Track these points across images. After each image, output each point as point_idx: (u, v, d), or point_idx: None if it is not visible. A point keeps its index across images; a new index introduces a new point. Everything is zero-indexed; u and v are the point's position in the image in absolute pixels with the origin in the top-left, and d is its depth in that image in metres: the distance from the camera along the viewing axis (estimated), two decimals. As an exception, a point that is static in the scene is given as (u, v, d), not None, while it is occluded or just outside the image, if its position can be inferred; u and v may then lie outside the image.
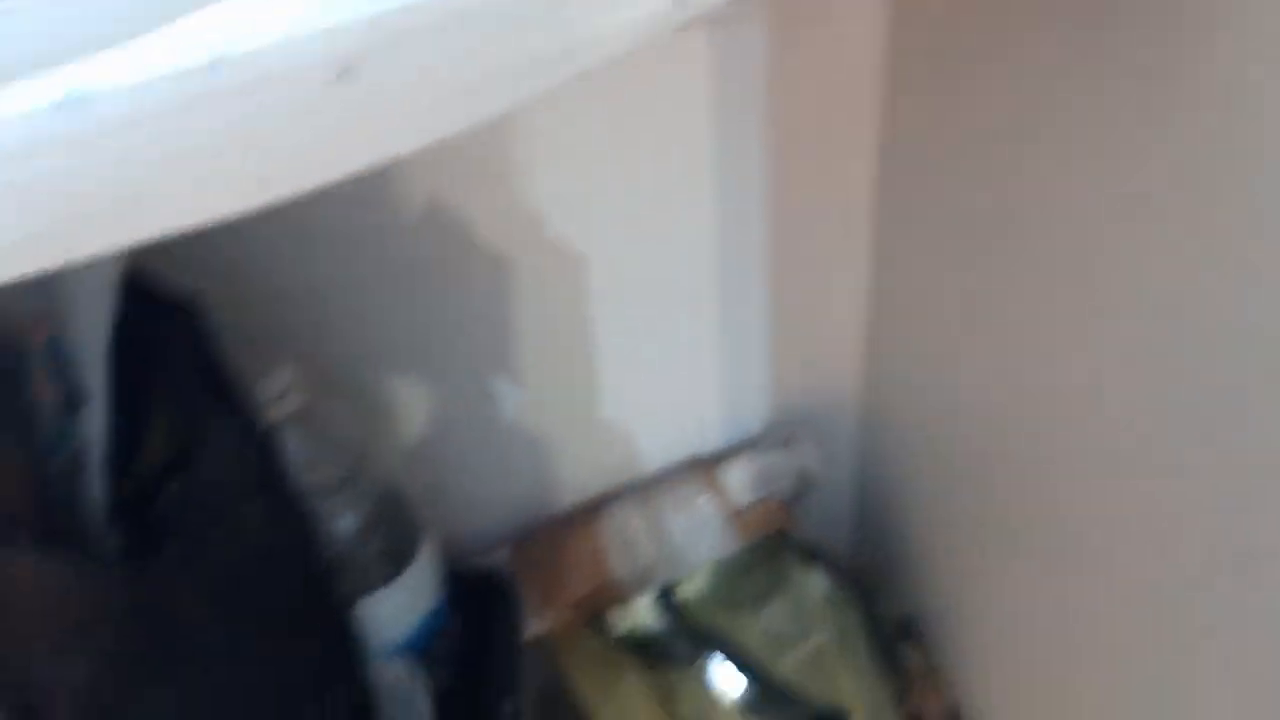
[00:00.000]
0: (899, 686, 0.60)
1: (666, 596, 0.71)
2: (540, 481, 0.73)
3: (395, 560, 0.56)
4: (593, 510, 0.72)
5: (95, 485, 0.37)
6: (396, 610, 0.56)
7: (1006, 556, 0.57)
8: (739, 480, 0.69)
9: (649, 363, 0.70)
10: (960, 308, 0.58)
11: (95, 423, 0.37)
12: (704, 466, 0.71)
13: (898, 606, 0.70)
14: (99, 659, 0.33)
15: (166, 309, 0.37)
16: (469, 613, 0.67)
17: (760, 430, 0.73)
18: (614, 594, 0.71)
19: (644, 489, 0.72)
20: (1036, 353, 0.50)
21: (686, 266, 0.67)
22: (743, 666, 0.63)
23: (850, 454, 0.75)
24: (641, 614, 0.72)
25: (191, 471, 0.36)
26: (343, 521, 0.52)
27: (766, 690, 0.61)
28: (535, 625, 0.71)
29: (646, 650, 0.66)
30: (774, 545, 0.72)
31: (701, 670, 0.64)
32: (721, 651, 0.64)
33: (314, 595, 0.44)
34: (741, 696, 0.61)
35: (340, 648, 0.47)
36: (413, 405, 0.65)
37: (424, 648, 0.59)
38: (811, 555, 0.69)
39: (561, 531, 0.72)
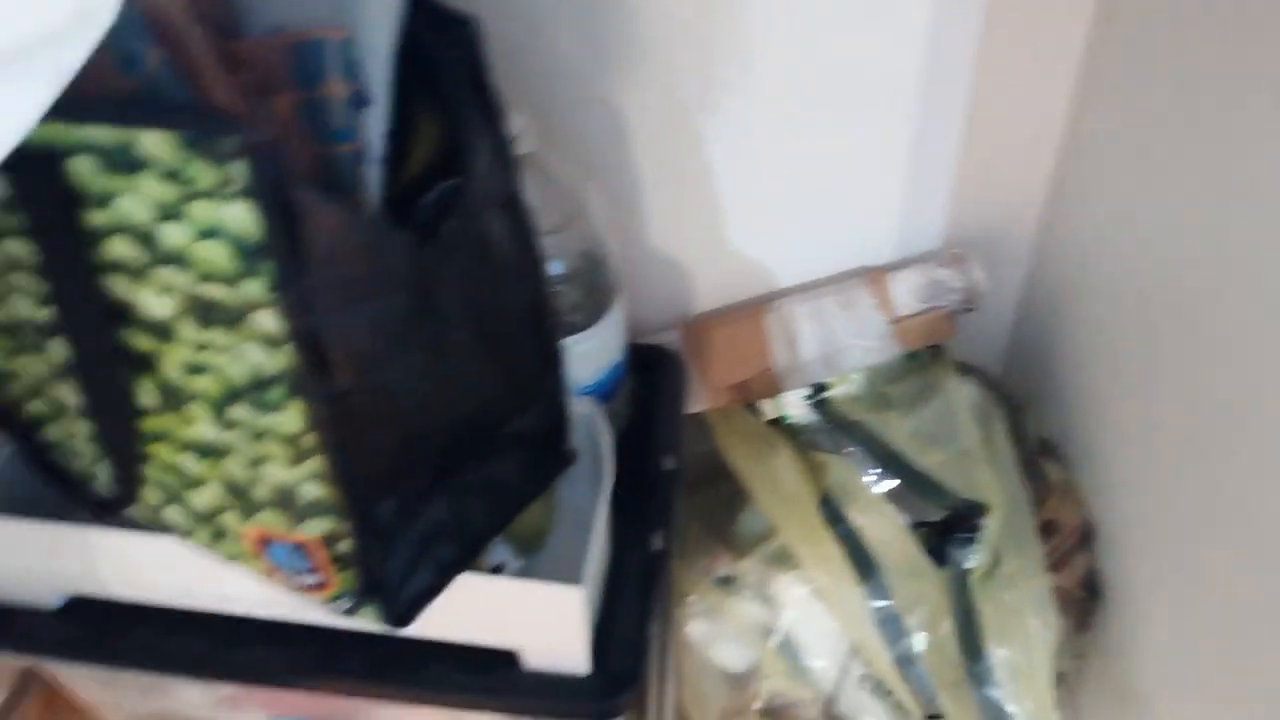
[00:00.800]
0: (1037, 495, 0.64)
1: (819, 392, 0.76)
2: (718, 274, 0.78)
3: (591, 311, 0.62)
4: (763, 303, 0.76)
5: (374, 177, 0.43)
6: (588, 355, 0.62)
7: (1153, 396, 0.58)
8: (906, 289, 0.72)
9: (837, 170, 0.72)
10: (1158, 159, 0.57)
11: (377, 121, 0.42)
12: (875, 274, 0.73)
13: (1042, 426, 0.72)
14: (378, 314, 0.40)
15: (447, 25, 0.42)
16: (641, 381, 0.74)
17: (934, 248, 0.75)
18: (772, 384, 0.76)
19: (814, 289, 0.75)
20: (1223, 219, 0.50)
21: (889, 77, 0.68)
22: (888, 457, 0.67)
23: (1017, 280, 0.76)
24: (794, 406, 0.77)
25: (464, 175, 0.42)
26: (553, 265, 0.57)
27: (910, 478, 0.65)
28: (697, 403, 0.77)
29: (796, 436, 0.71)
30: (931, 356, 0.75)
31: (848, 455, 0.68)
32: (867, 444, 0.69)
33: (536, 313, 0.50)
34: (884, 480, 0.66)
35: (550, 366, 0.53)
36: (618, 188, 0.69)
37: (605, 395, 0.65)
38: (966, 368, 0.72)
39: (731, 319, 0.77)
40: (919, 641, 0.58)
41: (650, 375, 0.74)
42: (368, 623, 0.50)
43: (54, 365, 0.45)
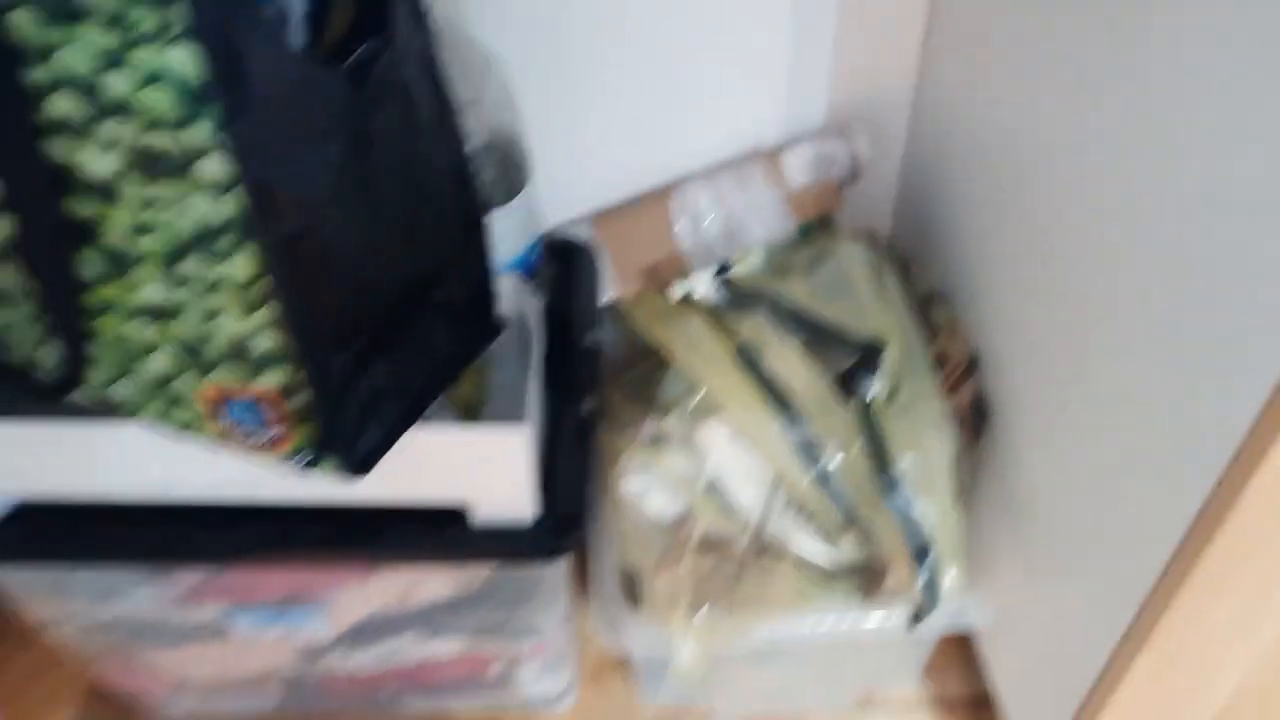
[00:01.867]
0: (927, 334, 0.70)
1: (723, 270, 0.81)
2: (621, 168, 0.82)
3: (506, 189, 0.65)
4: (664, 190, 0.81)
5: (299, 37, 0.45)
6: (506, 232, 0.66)
7: (1020, 240, 0.64)
8: (797, 165, 0.77)
9: (721, 58, 0.77)
10: (1016, 28, 0.63)
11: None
12: (766, 154, 0.79)
13: (927, 280, 0.79)
14: (321, 157, 0.42)
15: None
16: (556, 271, 0.78)
17: (819, 126, 0.81)
18: (679, 266, 0.81)
19: (711, 173, 0.80)
20: (1077, 84, 0.57)
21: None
22: (792, 315, 0.73)
23: (897, 149, 0.83)
24: (701, 285, 0.82)
25: (387, 29, 0.44)
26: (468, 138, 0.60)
27: (813, 330, 0.71)
28: (611, 291, 0.82)
29: (706, 310, 0.76)
30: (822, 227, 0.81)
31: (757, 316, 0.73)
32: (772, 307, 0.74)
33: (458, 178, 0.53)
34: (791, 331, 0.71)
35: (473, 233, 0.56)
36: (521, 79, 0.72)
37: (525, 275, 0.69)
38: (856, 234, 0.78)
39: (636, 208, 0.81)
40: (834, 463, 0.64)
41: (565, 264, 0.78)
42: (326, 477, 0.53)
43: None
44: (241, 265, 0.44)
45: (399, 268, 0.52)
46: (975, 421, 0.70)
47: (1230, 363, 0.46)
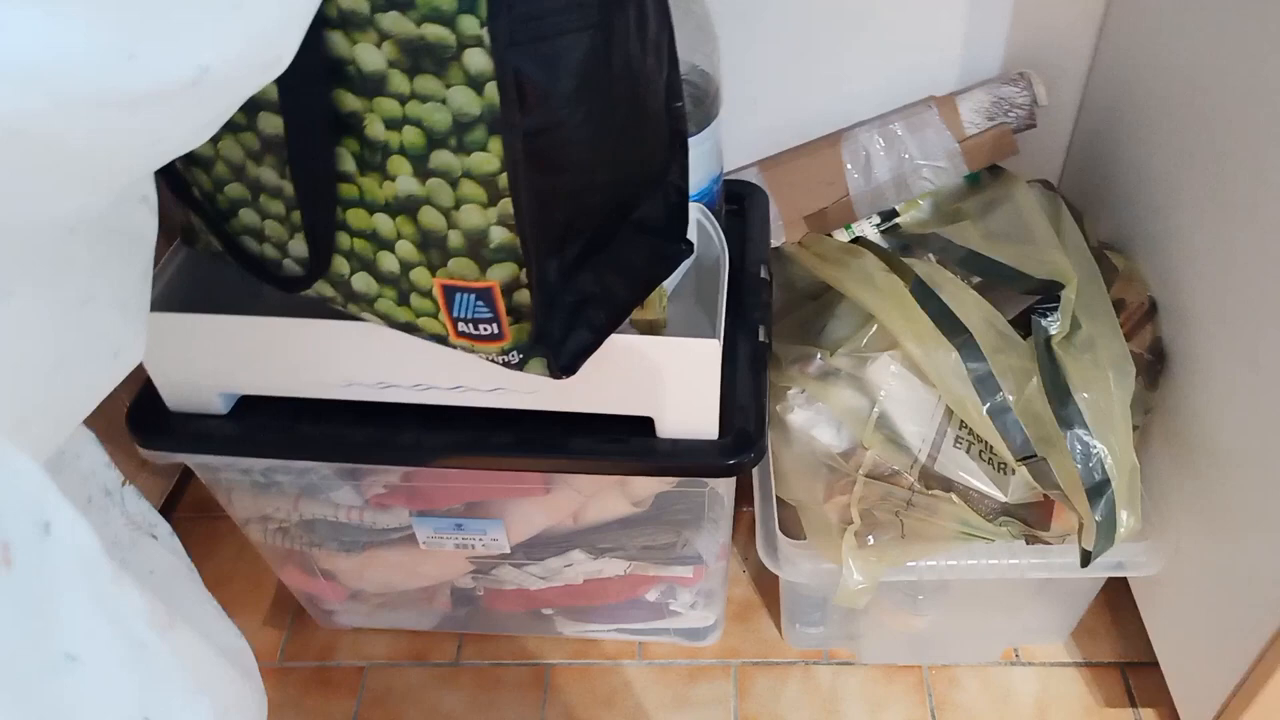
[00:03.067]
0: (1107, 278, 0.70)
1: (890, 217, 0.82)
2: (795, 113, 0.84)
3: (696, 120, 0.68)
4: (835, 135, 0.82)
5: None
6: (696, 162, 0.68)
7: (1199, 192, 0.64)
8: (972, 108, 0.78)
9: (898, 9, 0.78)
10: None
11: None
12: (941, 99, 0.79)
13: (1101, 230, 0.79)
14: (570, 51, 0.45)
15: None
16: (729, 210, 0.80)
17: (995, 71, 0.81)
18: (848, 211, 0.82)
19: (884, 118, 0.81)
20: (1262, 31, 0.56)
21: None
22: (967, 256, 0.73)
23: (1073, 98, 0.82)
24: (866, 231, 0.83)
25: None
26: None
27: (990, 270, 0.71)
28: (778, 237, 0.84)
29: (879, 251, 0.78)
30: (993, 175, 0.82)
31: (930, 256, 0.75)
32: (945, 249, 0.75)
33: (670, 95, 0.56)
34: (964, 268, 0.72)
35: (676, 153, 0.59)
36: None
37: (710, 207, 0.72)
38: (1031, 181, 0.78)
39: (807, 151, 0.83)
40: (1011, 396, 0.64)
41: (737, 204, 0.81)
42: (534, 375, 0.57)
43: (261, 139, 0.51)
44: (489, 158, 0.47)
45: (614, 178, 0.55)
46: (1153, 365, 0.69)
47: None
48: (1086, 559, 0.65)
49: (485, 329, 0.55)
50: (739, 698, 0.85)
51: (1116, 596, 0.84)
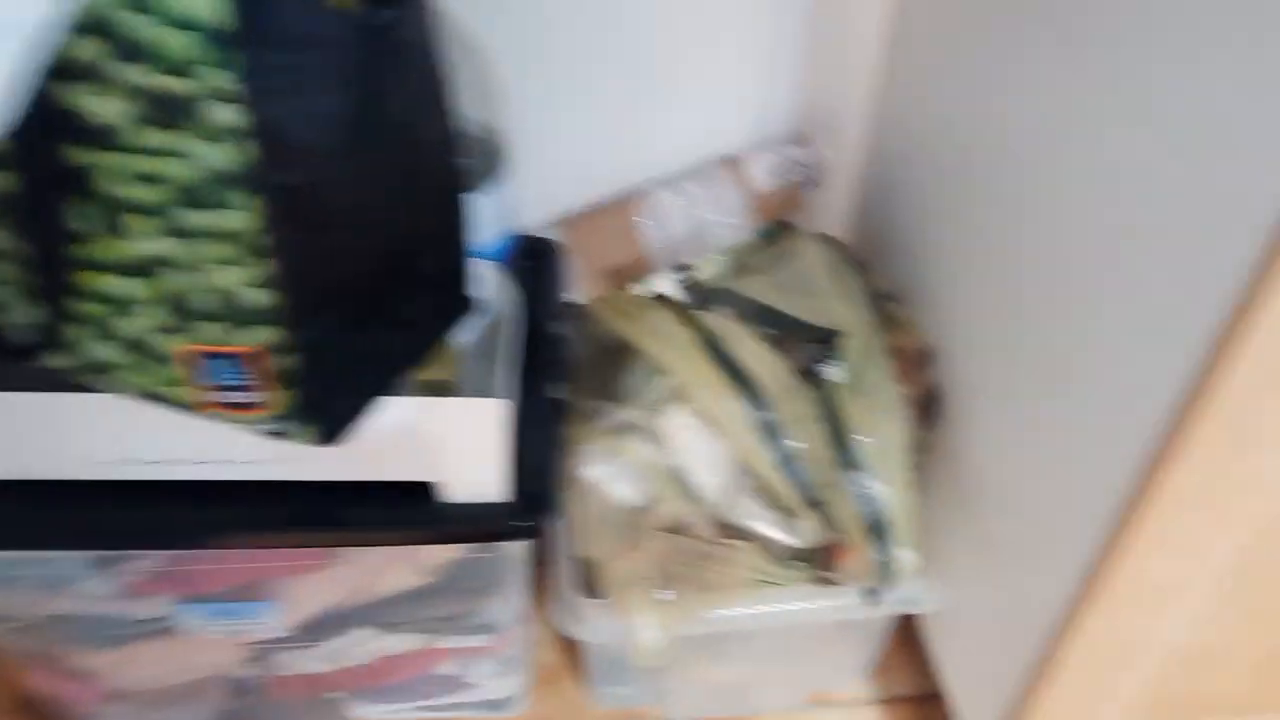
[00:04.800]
0: (884, 327, 0.73)
1: (687, 270, 0.84)
2: (587, 171, 0.84)
3: (483, 175, 0.67)
4: (631, 194, 0.83)
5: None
6: (484, 218, 0.67)
7: (973, 246, 0.69)
8: (762, 168, 0.81)
9: (692, 68, 0.80)
10: (971, 43, 0.68)
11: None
12: (732, 160, 0.82)
13: (884, 281, 0.83)
14: (334, 108, 0.43)
15: None
16: (525, 267, 0.79)
17: (782, 132, 0.84)
18: (645, 267, 0.83)
19: (678, 178, 0.83)
20: (1030, 95, 0.61)
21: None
22: (756, 310, 0.75)
23: (857, 155, 0.87)
24: (665, 286, 0.84)
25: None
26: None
27: (776, 322, 0.73)
28: (577, 293, 0.83)
29: (673, 305, 0.78)
30: (783, 230, 0.85)
31: (721, 309, 0.76)
32: (736, 303, 0.77)
33: (450, 150, 0.55)
34: (755, 321, 0.74)
35: (458, 208, 0.57)
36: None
37: (500, 262, 0.70)
38: (816, 236, 0.82)
39: (604, 210, 0.83)
40: (796, 443, 0.66)
41: (534, 259, 0.79)
42: (298, 444, 0.53)
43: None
44: (243, 216, 0.44)
45: (387, 235, 0.53)
46: (929, 410, 0.73)
47: (1155, 354, 0.49)
48: (871, 597, 0.67)
49: (241, 397, 0.51)
50: (546, 768, 0.81)
51: (910, 632, 0.87)
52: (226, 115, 0.41)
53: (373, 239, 0.51)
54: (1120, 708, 0.66)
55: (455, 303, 0.61)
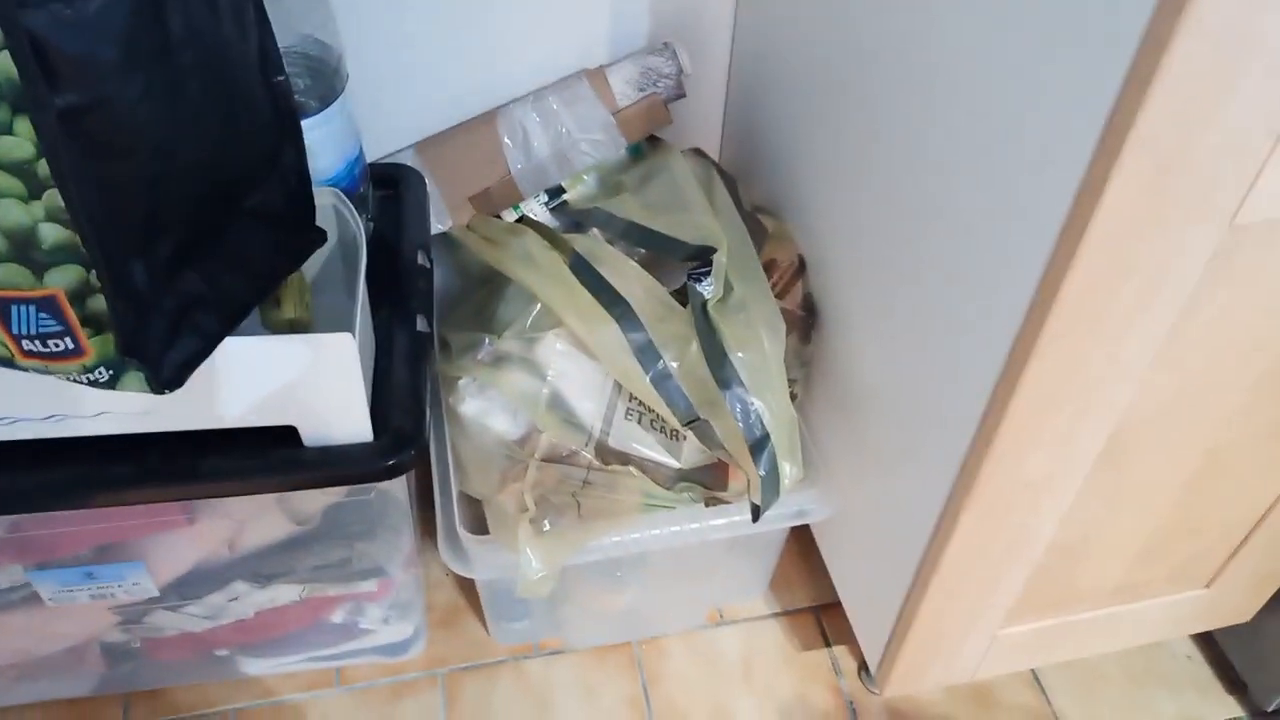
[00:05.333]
0: (757, 242, 0.72)
1: (557, 194, 0.80)
2: (447, 92, 0.79)
3: (319, 95, 0.62)
4: (490, 114, 0.79)
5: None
6: (323, 142, 0.63)
7: (839, 152, 0.67)
8: (623, 80, 0.77)
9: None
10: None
11: None
12: (591, 73, 0.78)
13: (755, 194, 0.81)
14: (101, 11, 0.38)
15: None
16: (384, 196, 0.75)
17: (643, 45, 0.81)
18: (511, 190, 0.79)
19: (538, 93, 0.79)
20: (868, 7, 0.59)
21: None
22: (626, 228, 0.73)
23: (722, 65, 0.84)
24: (534, 210, 0.81)
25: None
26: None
27: (647, 240, 0.71)
28: (442, 221, 0.79)
29: (541, 229, 0.75)
30: (652, 146, 0.82)
31: (590, 235, 0.73)
32: (606, 223, 0.74)
33: (266, 69, 0.50)
34: (626, 241, 0.71)
35: (286, 134, 0.53)
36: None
37: (348, 191, 0.66)
38: (685, 151, 0.79)
39: (463, 131, 0.79)
40: (672, 363, 0.64)
41: (391, 188, 0.75)
42: (132, 393, 0.49)
43: None
44: (20, 142, 0.40)
45: (206, 165, 0.49)
46: (805, 321, 0.72)
47: (1011, 249, 0.49)
48: (756, 513, 0.66)
49: (57, 344, 0.46)
50: (448, 707, 0.80)
51: (805, 544, 0.88)
52: (-19, 26, 0.37)
53: (186, 166, 0.47)
54: (1004, 603, 0.68)
55: (299, 235, 0.57)
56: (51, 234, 0.43)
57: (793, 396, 0.69)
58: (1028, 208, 0.47)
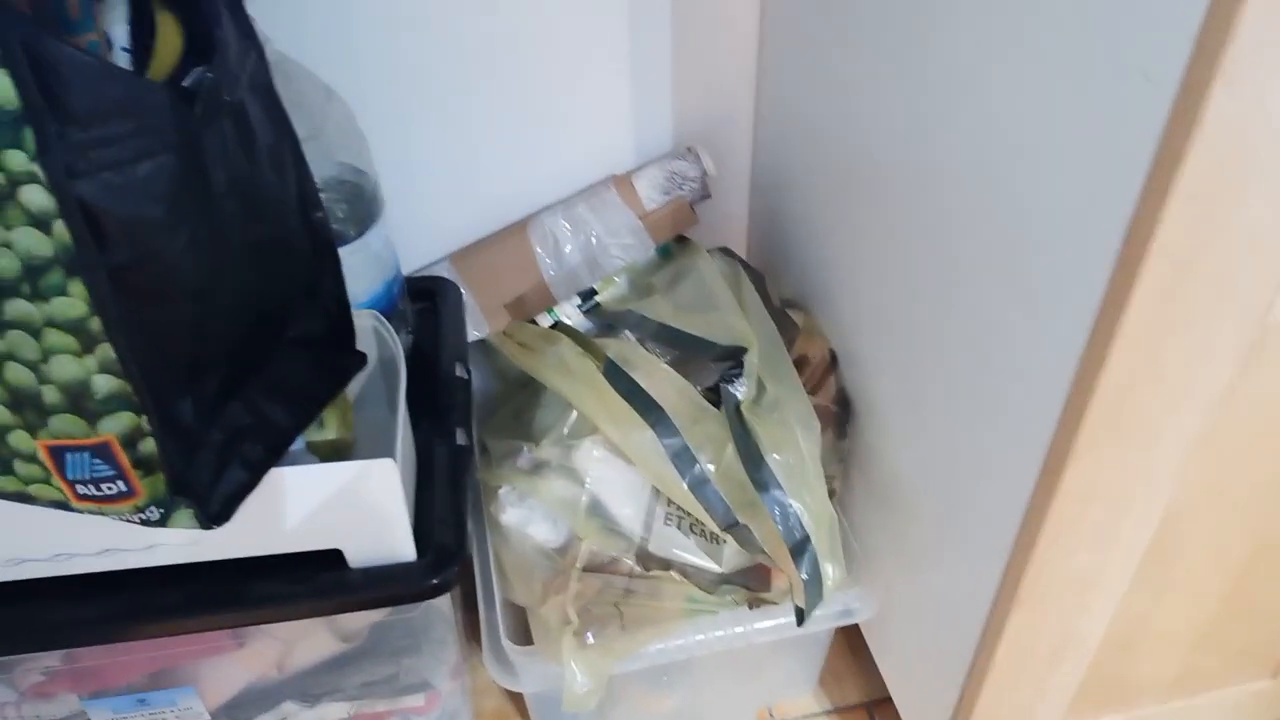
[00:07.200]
0: (787, 337, 0.72)
1: (589, 297, 0.82)
2: (479, 205, 0.82)
3: (357, 222, 0.65)
4: (521, 223, 0.81)
5: (123, 62, 0.44)
6: (360, 266, 0.65)
7: (865, 247, 0.68)
8: (649, 184, 0.79)
9: (565, 89, 0.79)
10: (836, 41, 0.67)
11: (116, 11, 0.44)
12: (618, 179, 0.80)
13: (783, 289, 0.82)
14: (148, 175, 0.40)
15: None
16: (420, 309, 0.77)
17: (668, 150, 0.83)
18: (545, 296, 0.81)
19: (567, 201, 0.81)
20: (883, 96, 0.61)
21: (597, 8, 0.76)
22: (658, 331, 0.74)
23: (745, 164, 0.86)
24: (568, 314, 0.82)
25: (215, 51, 0.44)
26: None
27: (679, 342, 0.72)
28: (478, 329, 0.81)
29: (574, 335, 0.77)
30: (680, 246, 0.83)
31: (623, 338, 0.74)
32: (638, 325, 0.75)
33: (305, 205, 0.53)
34: (658, 346, 0.72)
35: (325, 265, 0.55)
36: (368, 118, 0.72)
37: (386, 312, 0.68)
38: (713, 250, 0.81)
39: (496, 241, 0.81)
40: (709, 466, 0.64)
41: (428, 300, 0.77)
42: (183, 531, 0.50)
43: None
44: (73, 302, 0.42)
45: (249, 302, 0.51)
46: (840, 417, 0.72)
47: (1046, 351, 0.49)
48: (801, 617, 0.65)
49: (110, 488, 0.48)
50: (499, 819, 0.79)
51: (854, 637, 0.86)
52: (35, 198, 0.39)
53: (232, 307, 0.49)
54: (1062, 699, 0.66)
55: (340, 360, 0.59)
56: (104, 384, 0.45)
57: (831, 493, 0.68)
58: (1053, 310, 0.47)
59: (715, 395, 0.68)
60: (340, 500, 0.56)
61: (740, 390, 0.66)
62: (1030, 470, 0.51)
